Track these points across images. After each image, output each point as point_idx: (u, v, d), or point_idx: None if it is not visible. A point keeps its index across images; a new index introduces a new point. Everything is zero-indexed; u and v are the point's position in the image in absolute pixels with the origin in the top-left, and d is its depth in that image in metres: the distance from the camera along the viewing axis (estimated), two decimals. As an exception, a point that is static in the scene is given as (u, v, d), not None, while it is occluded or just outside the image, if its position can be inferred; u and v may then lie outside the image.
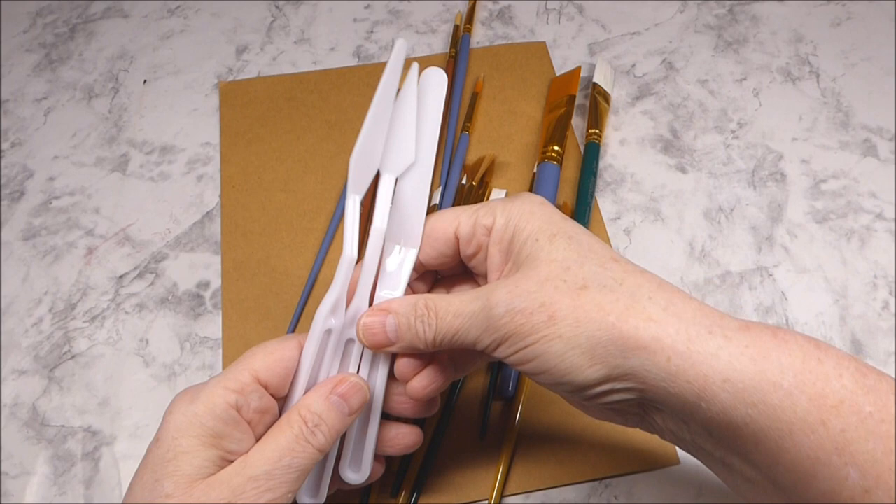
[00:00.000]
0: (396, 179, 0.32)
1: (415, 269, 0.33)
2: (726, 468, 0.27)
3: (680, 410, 0.27)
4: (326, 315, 0.31)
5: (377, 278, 0.32)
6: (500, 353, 0.29)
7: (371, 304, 0.32)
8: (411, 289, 0.34)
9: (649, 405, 0.28)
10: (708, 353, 0.25)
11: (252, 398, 0.30)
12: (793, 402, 0.24)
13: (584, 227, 0.30)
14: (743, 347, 0.25)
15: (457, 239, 0.32)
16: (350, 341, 0.32)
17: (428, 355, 0.32)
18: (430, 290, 0.35)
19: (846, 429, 0.24)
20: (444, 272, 0.35)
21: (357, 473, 0.33)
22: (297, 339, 0.31)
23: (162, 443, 0.29)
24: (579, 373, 0.27)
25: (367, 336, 0.31)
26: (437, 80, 0.33)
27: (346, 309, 0.32)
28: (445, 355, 0.33)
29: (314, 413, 0.29)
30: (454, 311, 0.29)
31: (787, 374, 0.25)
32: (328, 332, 0.31)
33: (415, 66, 0.32)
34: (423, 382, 0.32)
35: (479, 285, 0.33)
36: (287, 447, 0.29)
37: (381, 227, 0.31)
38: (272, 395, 0.31)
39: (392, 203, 0.32)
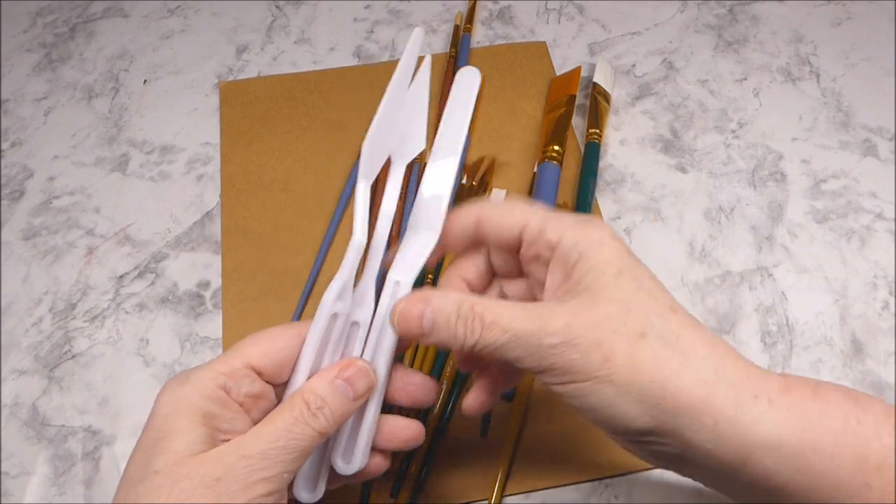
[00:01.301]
0: (407, 166, 0.33)
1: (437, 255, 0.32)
2: None
3: (722, 471, 0.27)
4: (334, 299, 0.30)
5: (391, 261, 0.32)
6: (543, 378, 0.28)
7: (380, 288, 0.32)
8: (464, 281, 0.33)
9: (689, 461, 0.28)
10: (753, 420, 0.25)
11: (242, 383, 0.29)
12: (836, 466, 0.25)
13: (648, 269, 0.29)
14: (786, 412, 0.26)
15: (520, 239, 0.31)
16: (355, 324, 0.32)
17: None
18: (486, 284, 0.34)
19: (886, 487, 0.24)
20: (500, 270, 0.34)
21: (348, 464, 0.32)
22: (298, 327, 0.31)
23: (153, 424, 0.28)
24: (625, 420, 0.27)
25: (402, 323, 0.30)
26: (471, 78, 0.34)
27: (353, 292, 0.32)
28: (495, 368, 0.33)
29: (317, 396, 0.29)
30: (503, 326, 0.28)
31: (828, 438, 0.25)
32: (334, 316, 0.31)
33: (427, 59, 0.33)
34: (477, 401, 0.32)
35: (533, 289, 0.33)
36: (285, 428, 0.28)
37: (390, 211, 0.32)
38: (267, 381, 0.30)
39: (417, 191, 0.33)
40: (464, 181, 0.51)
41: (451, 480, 0.40)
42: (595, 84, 0.55)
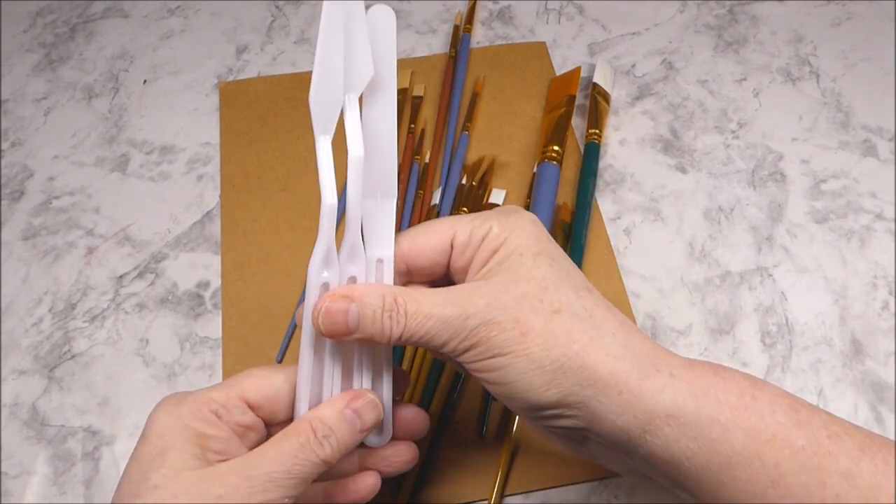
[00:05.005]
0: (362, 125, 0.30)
1: (399, 270, 0.32)
2: (671, 495, 0.29)
3: (625, 443, 0.28)
4: (319, 268, 0.30)
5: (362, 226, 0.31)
6: (464, 359, 0.29)
7: (365, 252, 0.31)
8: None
9: (593, 436, 0.29)
10: (655, 390, 0.27)
11: (234, 412, 0.30)
12: (730, 436, 0.26)
13: (564, 253, 0.31)
14: (685, 384, 0.27)
15: (451, 248, 0.31)
16: (352, 279, 0.31)
17: None
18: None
19: (780, 463, 0.26)
20: (432, 282, 0.34)
21: (379, 437, 0.33)
22: (288, 370, 0.31)
23: (148, 440, 0.29)
24: (536, 393, 0.28)
25: (327, 322, 0.29)
26: (385, 20, 0.30)
27: (339, 256, 0.30)
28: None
29: (325, 424, 0.29)
30: (426, 313, 0.29)
31: (724, 409, 0.27)
32: (325, 286, 0.30)
33: None
34: None
35: None
36: (291, 453, 0.28)
37: (359, 155, 0.29)
38: (260, 417, 0.31)
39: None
40: (463, 181, 0.51)
41: (451, 480, 0.40)
42: (595, 84, 0.55)
